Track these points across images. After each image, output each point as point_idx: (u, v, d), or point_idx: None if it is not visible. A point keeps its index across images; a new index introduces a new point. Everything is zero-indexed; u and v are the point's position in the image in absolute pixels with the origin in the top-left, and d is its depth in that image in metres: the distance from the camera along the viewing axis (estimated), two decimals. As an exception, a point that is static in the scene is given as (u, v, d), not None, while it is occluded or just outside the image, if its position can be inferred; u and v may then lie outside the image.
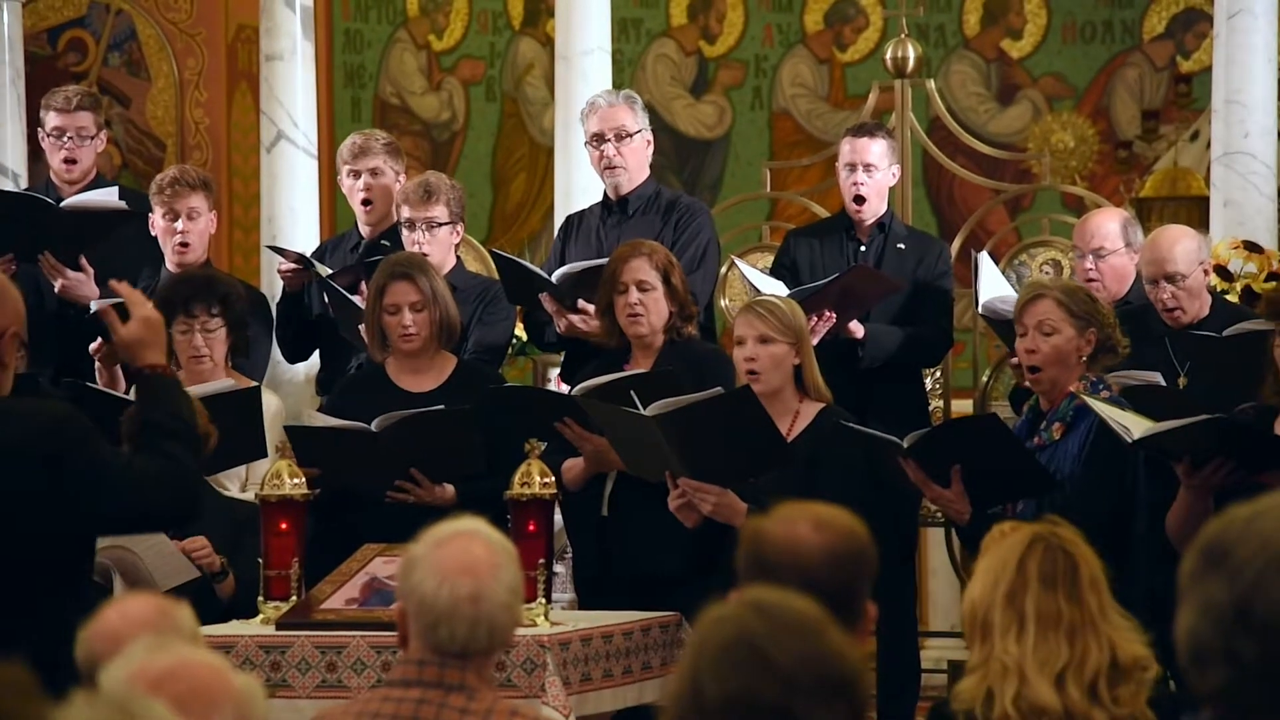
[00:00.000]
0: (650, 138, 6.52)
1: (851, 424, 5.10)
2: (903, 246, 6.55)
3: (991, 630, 3.22)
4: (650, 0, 12.21)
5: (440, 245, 6.32)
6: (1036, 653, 3.19)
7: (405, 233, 6.36)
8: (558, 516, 5.64)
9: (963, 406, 7.49)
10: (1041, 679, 3.17)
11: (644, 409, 5.08)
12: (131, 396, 4.18)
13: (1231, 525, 2.12)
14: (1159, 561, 4.67)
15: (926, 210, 11.32)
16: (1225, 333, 5.43)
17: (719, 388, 5.19)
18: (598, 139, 6.42)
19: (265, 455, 5.56)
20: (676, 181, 11.68)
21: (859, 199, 6.52)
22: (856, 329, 6.32)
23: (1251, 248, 7.03)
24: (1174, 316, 5.95)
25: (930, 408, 7.01)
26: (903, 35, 7.79)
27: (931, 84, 8.08)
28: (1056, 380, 5.04)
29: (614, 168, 6.40)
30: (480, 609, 3.02)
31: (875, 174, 6.52)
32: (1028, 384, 5.33)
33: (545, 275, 6.19)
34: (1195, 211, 8.58)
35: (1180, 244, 6.02)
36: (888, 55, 7.78)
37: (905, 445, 4.92)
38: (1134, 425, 4.63)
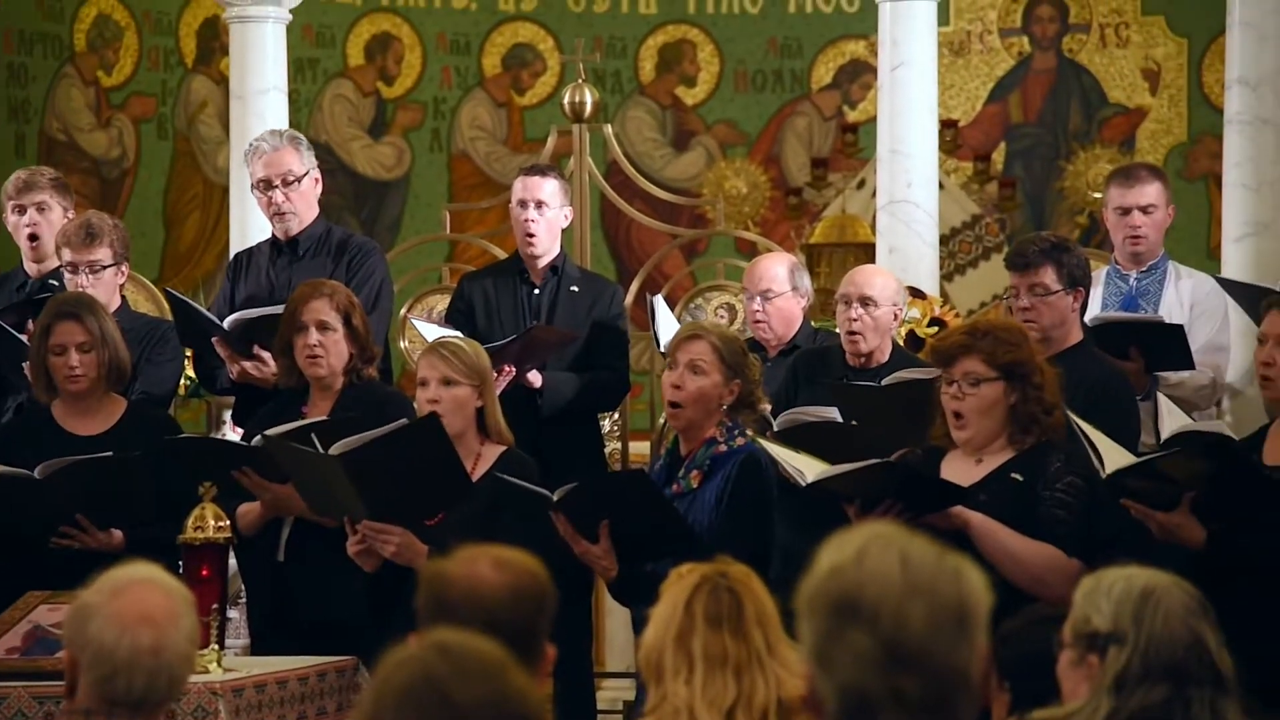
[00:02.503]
0: (318, 176, 6.44)
1: (504, 476, 5.09)
2: (576, 289, 6.60)
3: (664, 672, 3.26)
4: (327, 40, 12.13)
5: (105, 287, 6.16)
6: (705, 692, 3.23)
7: (68, 276, 6.19)
8: (231, 560, 5.54)
9: (640, 448, 7.58)
10: (710, 718, 3.22)
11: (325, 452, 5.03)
12: None
13: (843, 575, 2.15)
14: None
15: (605, 254, 11.44)
16: (883, 382, 5.58)
17: (404, 419, 5.16)
18: (265, 184, 6.33)
19: None
20: (355, 222, 11.61)
21: (529, 235, 6.55)
22: (534, 379, 6.35)
23: (915, 294, 7.26)
24: (855, 342, 6.07)
25: (608, 450, 7.06)
26: (580, 80, 7.87)
27: (609, 129, 8.18)
28: (694, 421, 5.11)
29: (283, 214, 6.32)
30: (161, 660, 2.95)
31: (547, 211, 6.56)
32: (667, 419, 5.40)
33: (218, 321, 6.07)
34: (862, 257, 8.83)
35: (883, 276, 6.25)
36: (565, 100, 7.85)
37: (555, 499, 4.93)
38: (808, 469, 4.71)
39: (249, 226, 7.76)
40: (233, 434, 6.78)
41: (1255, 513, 4.60)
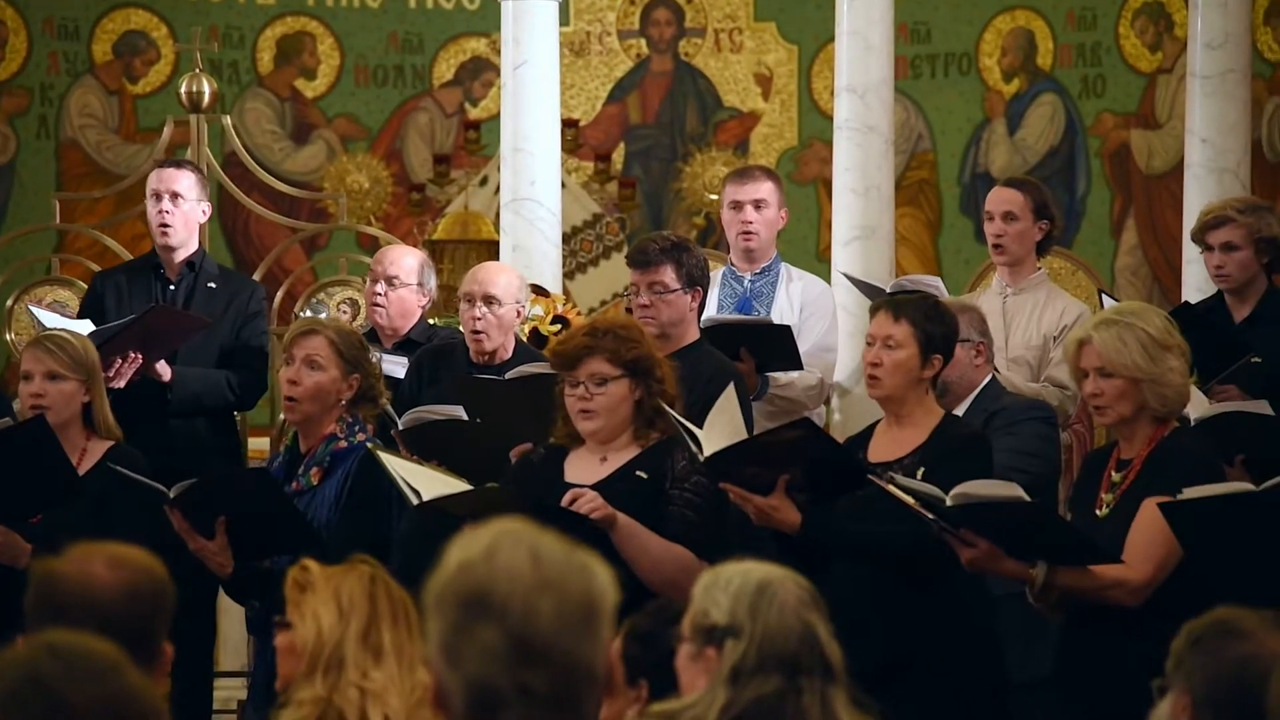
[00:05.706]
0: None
1: (121, 470, 4.97)
2: (214, 285, 6.52)
3: (345, 663, 3.24)
4: (-76, 21, 11.63)
5: None
6: (403, 683, 3.24)
7: None
8: None
9: (259, 444, 7.46)
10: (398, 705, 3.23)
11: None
12: None
13: (473, 571, 2.16)
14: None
15: (222, 247, 11.23)
16: (507, 375, 5.61)
17: (8, 418, 5.00)
18: None
19: None
20: (-45, 211, 11.16)
21: (164, 226, 6.45)
22: (163, 371, 6.20)
23: (538, 291, 7.31)
24: (479, 340, 6.09)
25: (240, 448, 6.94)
26: (197, 70, 7.73)
27: (227, 120, 8.05)
28: (312, 416, 5.07)
29: None
30: None
31: (182, 204, 6.49)
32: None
33: None
34: (486, 254, 8.85)
35: (506, 274, 6.27)
36: (182, 89, 7.70)
37: (171, 495, 4.83)
38: (424, 487, 4.65)
39: None
40: None
41: (844, 495, 4.67)
